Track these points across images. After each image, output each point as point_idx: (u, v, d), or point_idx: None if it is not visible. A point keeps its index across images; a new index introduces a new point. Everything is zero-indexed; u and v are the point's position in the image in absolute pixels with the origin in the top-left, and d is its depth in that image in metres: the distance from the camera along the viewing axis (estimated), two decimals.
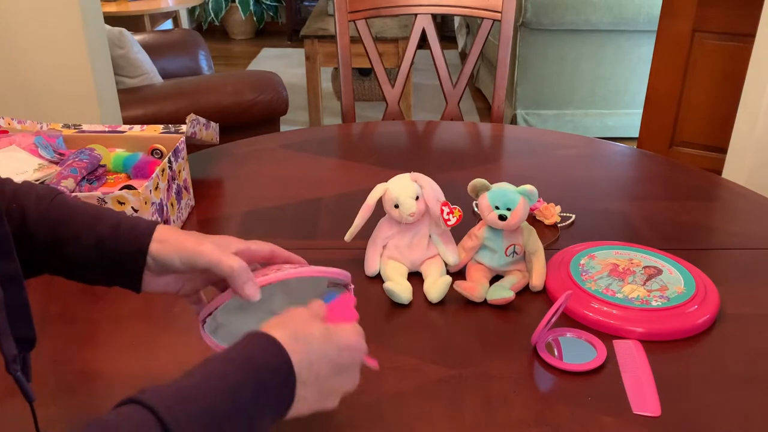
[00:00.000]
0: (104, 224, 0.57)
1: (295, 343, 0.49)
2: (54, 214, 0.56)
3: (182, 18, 4.95)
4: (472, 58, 1.55)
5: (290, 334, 0.49)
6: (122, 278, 0.58)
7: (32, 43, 1.78)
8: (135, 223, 0.57)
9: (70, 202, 0.58)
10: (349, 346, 0.52)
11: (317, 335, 0.51)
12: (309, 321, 0.52)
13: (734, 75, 2.49)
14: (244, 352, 0.48)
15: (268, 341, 0.49)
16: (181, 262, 0.56)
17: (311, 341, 0.50)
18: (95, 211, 0.58)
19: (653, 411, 0.65)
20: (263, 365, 0.47)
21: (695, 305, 0.78)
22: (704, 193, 1.13)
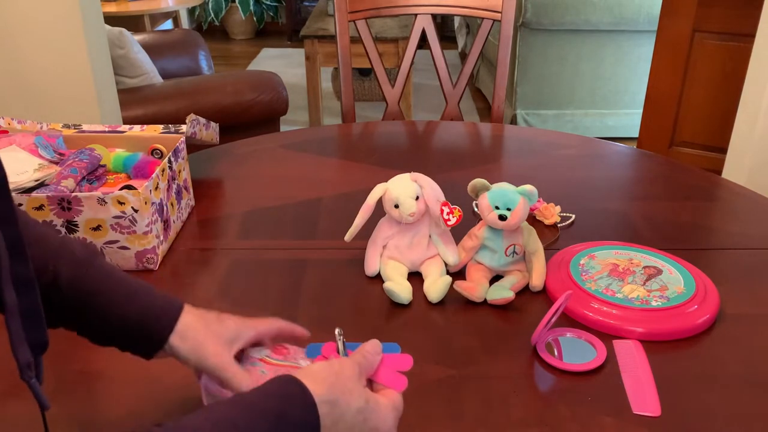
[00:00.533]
0: (133, 308, 0.57)
1: (331, 410, 0.47)
2: (87, 282, 0.57)
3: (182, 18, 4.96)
4: (472, 58, 1.55)
5: (329, 398, 0.48)
6: (136, 352, 0.59)
7: (32, 44, 1.78)
8: (161, 311, 0.58)
9: (106, 270, 0.59)
10: (380, 430, 0.51)
11: (353, 409, 0.49)
12: (352, 387, 0.50)
13: (734, 75, 2.49)
14: (274, 403, 0.46)
15: (302, 395, 0.47)
16: (195, 364, 0.57)
17: (346, 414, 0.48)
18: (127, 289, 0.58)
19: (653, 411, 0.65)
20: (294, 423, 0.45)
21: (695, 305, 0.78)
22: (704, 193, 1.13)
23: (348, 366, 0.52)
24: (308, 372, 0.49)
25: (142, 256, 0.86)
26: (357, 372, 0.52)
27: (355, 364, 0.52)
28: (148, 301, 0.58)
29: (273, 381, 0.48)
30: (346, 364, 0.52)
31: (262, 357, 0.61)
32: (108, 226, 0.84)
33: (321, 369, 0.50)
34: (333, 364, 0.51)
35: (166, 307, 0.58)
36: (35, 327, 0.51)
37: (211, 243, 0.95)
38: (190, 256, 0.92)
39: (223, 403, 0.46)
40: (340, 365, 0.51)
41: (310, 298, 0.82)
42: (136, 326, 0.57)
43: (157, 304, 0.58)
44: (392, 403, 0.53)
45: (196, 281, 0.86)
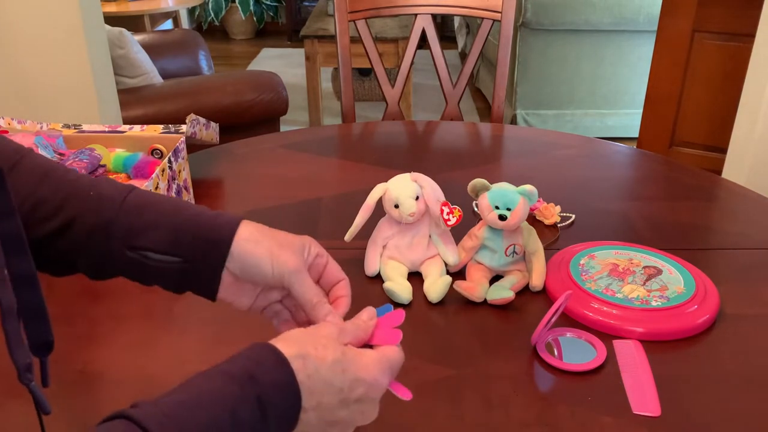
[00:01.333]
0: (186, 214, 0.54)
1: (303, 364, 0.46)
2: (132, 202, 0.53)
3: (182, 18, 4.96)
4: (472, 58, 1.55)
5: (298, 353, 0.46)
6: (200, 272, 0.54)
7: (32, 44, 1.78)
8: (218, 216, 0.54)
9: (148, 193, 0.56)
10: (363, 380, 0.48)
11: (329, 361, 0.47)
12: (327, 342, 0.48)
13: (734, 75, 2.49)
14: (246, 365, 0.45)
15: (273, 355, 0.46)
16: (272, 276, 0.53)
17: (320, 367, 0.46)
18: (175, 201, 0.56)
19: (653, 411, 0.65)
20: (267, 382, 0.44)
21: (695, 305, 0.78)
22: (704, 193, 1.13)
23: (324, 326, 0.50)
24: (281, 336, 0.48)
25: None
26: (335, 331, 0.50)
27: (332, 325, 0.51)
28: (201, 209, 0.55)
29: (245, 349, 0.47)
30: (322, 326, 0.51)
31: None
32: None
33: (295, 332, 0.49)
34: (309, 328, 0.50)
35: (222, 215, 0.54)
36: (38, 326, 0.49)
37: None
38: None
39: (199, 375, 0.45)
40: (316, 327, 0.50)
41: None
42: (195, 233, 0.52)
43: (210, 212, 0.54)
44: (380, 355, 0.51)
45: None
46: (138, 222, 0.52)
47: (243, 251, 0.53)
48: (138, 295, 0.84)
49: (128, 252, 0.52)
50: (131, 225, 0.52)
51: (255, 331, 0.74)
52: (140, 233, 0.52)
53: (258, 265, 0.53)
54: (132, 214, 0.53)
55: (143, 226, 0.52)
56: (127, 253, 0.52)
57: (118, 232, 0.52)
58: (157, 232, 0.52)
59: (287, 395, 0.45)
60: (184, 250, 0.52)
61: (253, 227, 0.54)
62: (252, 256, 0.53)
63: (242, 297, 0.56)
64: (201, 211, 0.54)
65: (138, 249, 0.52)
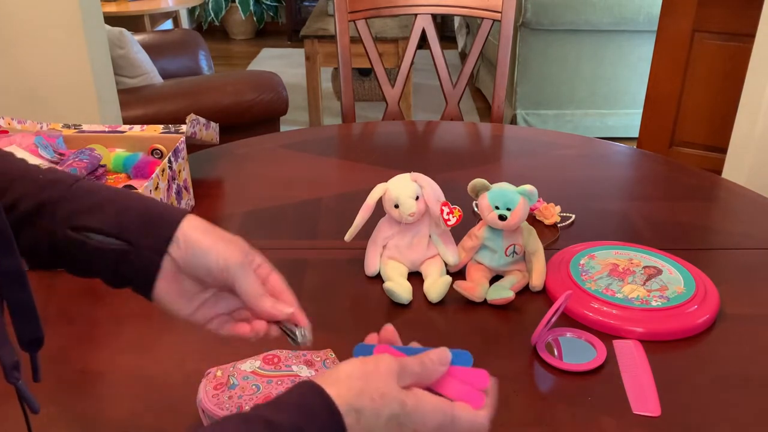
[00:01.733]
0: (135, 198, 0.52)
1: (356, 419, 0.42)
2: (84, 186, 0.52)
3: (182, 18, 4.96)
4: (472, 58, 1.55)
5: (353, 405, 0.42)
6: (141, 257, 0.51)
7: (32, 44, 1.78)
8: (166, 206, 0.53)
9: (100, 183, 0.55)
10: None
11: (385, 416, 0.43)
12: (385, 390, 0.44)
13: (734, 75, 2.49)
14: (294, 418, 0.41)
15: (326, 408, 0.42)
16: (218, 266, 0.50)
17: (375, 425, 0.43)
18: (128, 190, 0.54)
19: (653, 411, 0.65)
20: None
21: (695, 305, 0.78)
22: (704, 193, 1.13)
23: (384, 364, 0.45)
24: (334, 375, 0.44)
25: None
26: (395, 371, 0.45)
27: (394, 362, 0.46)
28: (152, 199, 0.53)
29: (293, 390, 0.43)
30: (382, 363, 0.45)
31: (254, 369, 0.61)
32: None
33: (350, 370, 0.44)
34: (367, 363, 0.45)
35: (173, 206, 0.53)
36: (28, 322, 0.48)
37: None
38: None
39: (238, 420, 0.41)
40: (375, 364, 0.45)
41: (310, 298, 0.82)
42: (142, 215, 0.51)
43: (160, 202, 0.53)
44: (446, 410, 0.45)
45: None
46: (85, 203, 0.51)
47: (189, 238, 0.51)
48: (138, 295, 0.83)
49: (69, 231, 0.50)
50: (78, 205, 0.51)
51: None
52: (85, 213, 0.51)
53: (204, 255, 0.50)
54: (80, 195, 0.51)
55: (90, 206, 0.51)
56: (68, 232, 0.50)
57: (63, 211, 0.51)
58: (103, 213, 0.51)
59: None
60: (127, 231, 0.50)
61: (200, 220, 0.52)
62: (198, 244, 0.51)
63: (181, 298, 0.53)
64: (151, 200, 0.53)
65: (80, 229, 0.50)
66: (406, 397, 0.45)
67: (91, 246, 0.50)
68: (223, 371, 0.61)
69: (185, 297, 0.53)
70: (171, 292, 0.52)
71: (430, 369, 0.48)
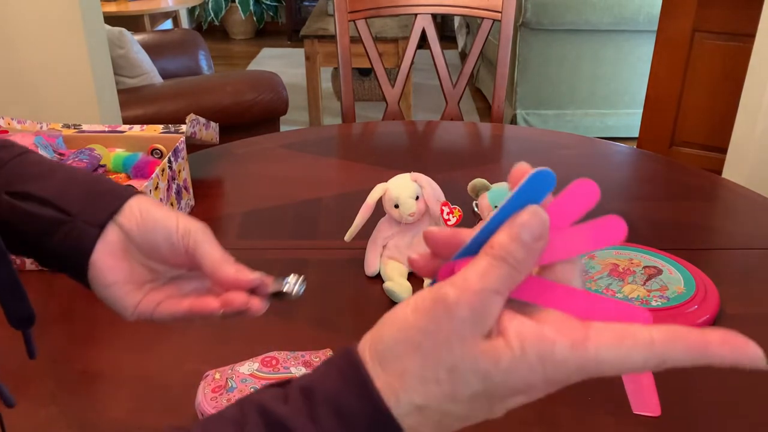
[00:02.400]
0: (86, 173, 0.48)
1: (420, 420, 0.30)
2: (34, 157, 0.49)
3: (182, 18, 4.96)
4: (472, 58, 1.55)
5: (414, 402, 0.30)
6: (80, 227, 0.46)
7: (32, 43, 1.78)
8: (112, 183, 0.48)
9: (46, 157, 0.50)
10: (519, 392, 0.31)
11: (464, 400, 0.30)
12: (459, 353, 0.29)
13: (734, 75, 2.49)
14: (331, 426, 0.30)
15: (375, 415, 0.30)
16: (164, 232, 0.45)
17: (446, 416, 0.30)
18: (75, 168, 0.50)
19: (653, 411, 0.65)
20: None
21: (695, 305, 0.78)
22: (704, 193, 1.13)
23: (445, 312, 0.29)
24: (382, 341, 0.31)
25: None
26: (469, 317, 0.29)
27: (464, 299, 0.29)
28: (101, 177, 0.49)
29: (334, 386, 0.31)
30: (440, 310, 0.29)
31: (252, 372, 0.61)
32: None
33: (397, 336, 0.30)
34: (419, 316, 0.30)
35: (122, 186, 0.48)
36: (16, 300, 0.47)
37: None
38: None
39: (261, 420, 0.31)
40: (433, 317, 0.29)
41: (310, 298, 0.82)
42: (88, 187, 0.46)
43: (110, 182, 0.48)
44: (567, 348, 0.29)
45: None
46: (30, 171, 0.47)
47: (144, 208, 0.46)
48: None
49: (5, 196, 0.46)
50: (21, 172, 0.47)
51: (255, 334, 0.74)
52: (27, 180, 0.46)
53: (163, 220, 0.46)
54: (27, 164, 0.48)
55: (34, 175, 0.47)
56: (3, 197, 0.46)
57: (4, 176, 0.47)
58: (45, 181, 0.46)
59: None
60: (68, 202, 0.46)
61: (151, 198, 0.49)
62: (154, 213, 0.46)
63: (128, 284, 0.47)
64: (104, 177, 0.49)
65: (18, 195, 0.46)
66: (493, 356, 0.29)
67: (24, 212, 0.45)
68: (221, 374, 0.61)
69: (132, 282, 0.47)
70: (115, 272, 0.46)
71: (522, 257, 0.30)
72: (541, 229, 0.30)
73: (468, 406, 0.31)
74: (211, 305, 0.46)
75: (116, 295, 0.47)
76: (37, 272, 0.87)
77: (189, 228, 0.46)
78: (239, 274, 0.46)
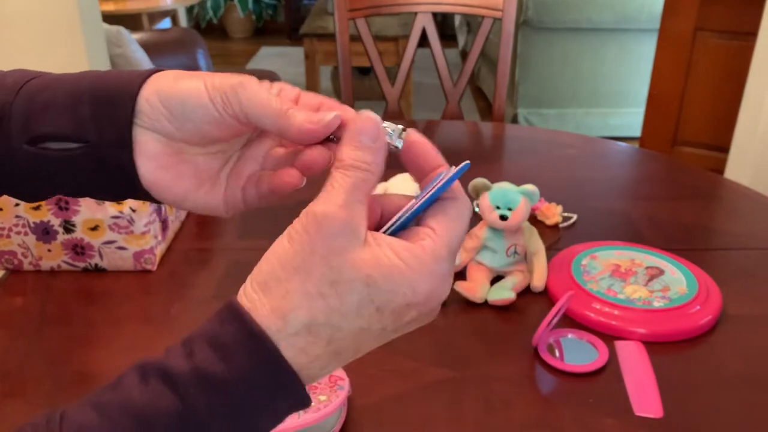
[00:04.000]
0: (86, 80, 0.40)
1: (305, 348, 0.31)
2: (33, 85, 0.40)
3: (180, 16, 4.95)
4: (473, 57, 1.54)
5: (299, 317, 0.31)
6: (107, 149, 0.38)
7: (29, 42, 1.77)
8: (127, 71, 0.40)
9: (52, 74, 0.42)
10: (412, 305, 0.33)
11: (351, 308, 0.31)
12: (337, 263, 0.31)
13: (737, 73, 2.48)
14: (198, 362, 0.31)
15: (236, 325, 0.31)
16: (199, 110, 0.37)
17: (337, 330, 0.31)
18: (80, 73, 0.42)
19: (655, 413, 0.65)
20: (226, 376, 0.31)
21: (697, 306, 0.77)
22: (707, 193, 1.12)
23: (316, 227, 0.32)
24: (259, 279, 0.33)
25: (140, 256, 0.85)
26: (339, 228, 0.31)
27: (331, 211, 0.32)
28: (104, 71, 0.41)
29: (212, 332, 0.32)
30: (312, 226, 0.32)
31: None
32: (106, 226, 0.83)
33: (275, 260, 0.32)
34: (294, 236, 0.32)
35: (133, 71, 0.40)
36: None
37: (209, 243, 0.95)
38: (189, 256, 0.91)
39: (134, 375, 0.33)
40: (306, 232, 0.32)
41: None
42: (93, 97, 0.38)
43: (116, 71, 0.40)
44: (433, 243, 0.33)
45: (195, 282, 0.86)
46: (34, 104, 0.39)
47: (162, 93, 0.37)
48: (136, 296, 0.83)
49: (27, 147, 0.39)
50: (27, 109, 0.39)
51: None
52: (37, 116, 0.39)
53: (187, 97, 0.37)
54: (29, 97, 0.40)
55: (40, 107, 0.39)
56: (26, 148, 0.39)
57: (16, 121, 0.39)
58: (54, 110, 0.39)
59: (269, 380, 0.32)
60: (83, 124, 0.38)
61: (168, 72, 0.39)
62: (176, 92, 0.37)
63: (182, 179, 0.40)
64: (106, 72, 0.41)
65: (36, 140, 0.39)
66: (372, 260, 0.31)
67: (53, 157, 0.39)
68: None
69: (203, 181, 0.40)
70: (178, 183, 0.40)
71: (371, 159, 0.33)
72: (375, 130, 0.34)
73: (358, 319, 0.31)
74: (291, 181, 0.41)
75: (197, 204, 0.41)
76: (35, 273, 0.87)
77: (222, 89, 0.37)
78: (310, 123, 0.37)
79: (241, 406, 0.31)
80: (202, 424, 0.31)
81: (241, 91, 0.37)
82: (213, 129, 0.38)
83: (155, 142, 0.39)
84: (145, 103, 0.38)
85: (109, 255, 0.85)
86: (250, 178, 0.42)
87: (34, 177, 0.40)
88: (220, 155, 0.41)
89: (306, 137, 0.38)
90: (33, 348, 0.73)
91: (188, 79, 0.38)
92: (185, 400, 0.31)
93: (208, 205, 0.41)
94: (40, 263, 0.86)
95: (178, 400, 0.31)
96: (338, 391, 0.60)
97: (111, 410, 0.31)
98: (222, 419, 0.31)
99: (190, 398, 0.31)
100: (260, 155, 0.42)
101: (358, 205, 0.32)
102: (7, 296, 0.82)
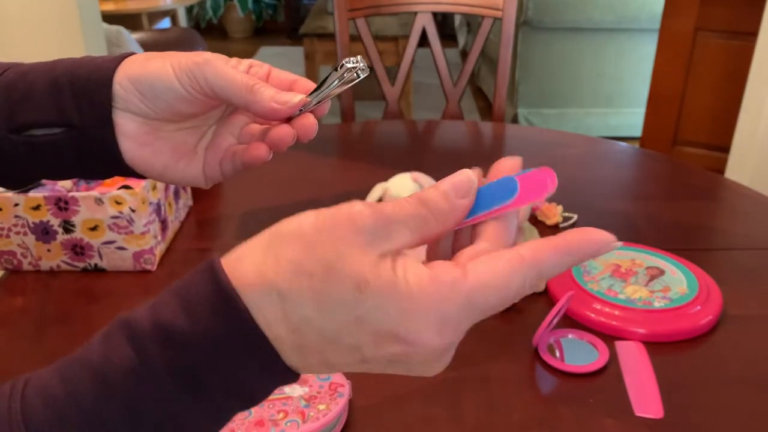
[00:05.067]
0: (61, 66, 0.43)
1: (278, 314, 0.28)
2: (9, 76, 0.43)
3: (180, 16, 4.95)
4: (473, 57, 1.54)
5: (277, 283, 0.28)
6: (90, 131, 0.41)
7: (29, 42, 1.77)
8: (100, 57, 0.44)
9: (27, 64, 0.45)
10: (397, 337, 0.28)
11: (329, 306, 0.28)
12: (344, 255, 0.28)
13: (737, 73, 2.48)
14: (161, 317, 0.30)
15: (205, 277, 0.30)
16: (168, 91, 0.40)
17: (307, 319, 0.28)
18: (54, 61, 0.44)
19: (656, 413, 0.65)
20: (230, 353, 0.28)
21: (698, 306, 0.77)
22: (707, 193, 1.12)
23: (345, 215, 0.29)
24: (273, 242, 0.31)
25: (140, 256, 0.85)
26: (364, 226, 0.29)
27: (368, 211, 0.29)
28: (79, 58, 0.44)
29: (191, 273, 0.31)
30: (341, 214, 0.29)
31: None
32: (105, 226, 0.83)
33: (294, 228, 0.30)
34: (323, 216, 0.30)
35: (107, 57, 0.43)
36: None
37: (209, 243, 0.95)
38: (188, 256, 0.91)
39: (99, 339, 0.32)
40: (333, 216, 0.29)
41: None
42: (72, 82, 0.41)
43: (92, 57, 0.43)
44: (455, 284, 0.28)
45: None
46: (15, 93, 0.42)
47: (133, 76, 0.40)
48: (136, 296, 0.83)
49: (12, 137, 0.42)
50: (9, 98, 0.42)
51: None
52: (19, 105, 0.42)
53: (157, 79, 0.40)
54: (6, 88, 0.43)
55: (21, 96, 0.42)
56: (12, 138, 0.42)
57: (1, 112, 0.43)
58: (35, 97, 0.42)
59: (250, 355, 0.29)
60: (66, 110, 0.41)
61: (144, 54, 0.42)
62: (146, 74, 0.40)
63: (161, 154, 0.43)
64: (79, 60, 0.43)
65: (20, 128, 0.42)
66: (377, 271, 0.28)
67: (39, 144, 0.42)
68: None
69: (181, 154, 0.44)
70: (157, 157, 0.43)
71: (442, 208, 0.30)
72: (467, 188, 0.32)
73: (332, 319, 0.28)
74: (259, 154, 0.43)
75: (177, 176, 0.44)
76: (35, 273, 0.86)
77: (187, 68, 0.40)
78: (275, 103, 0.39)
79: (204, 365, 0.29)
80: (160, 381, 0.29)
81: (206, 68, 0.40)
82: (184, 106, 0.41)
83: (132, 122, 0.42)
84: (119, 87, 0.41)
85: (108, 255, 0.85)
86: (227, 152, 0.45)
87: (21, 163, 0.43)
88: (195, 130, 0.45)
89: (271, 115, 0.40)
90: (32, 348, 0.73)
91: (156, 60, 0.41)
92: (141, 354, 0.29)
93: (188, 178, 0.44)
94: (39, 263, 0.86)
95: (134, 353, 0.29)
96: (338, 398, 0.60)
97: (72, 369, 0.30)
98: (183, 377, 0.29)
99: (147, 351, 0.29)
100: (236, 130, 0.45)
101: (401, 228, 0.29)
102: (6, 296, 0.82)
